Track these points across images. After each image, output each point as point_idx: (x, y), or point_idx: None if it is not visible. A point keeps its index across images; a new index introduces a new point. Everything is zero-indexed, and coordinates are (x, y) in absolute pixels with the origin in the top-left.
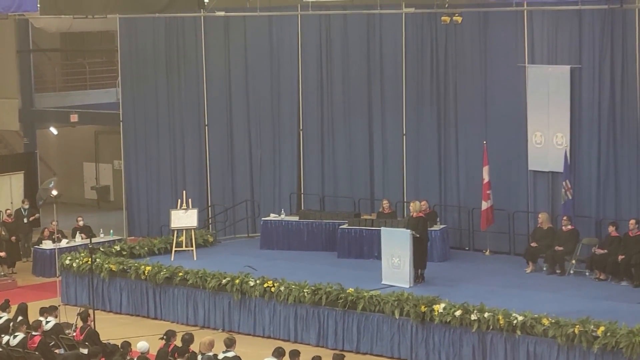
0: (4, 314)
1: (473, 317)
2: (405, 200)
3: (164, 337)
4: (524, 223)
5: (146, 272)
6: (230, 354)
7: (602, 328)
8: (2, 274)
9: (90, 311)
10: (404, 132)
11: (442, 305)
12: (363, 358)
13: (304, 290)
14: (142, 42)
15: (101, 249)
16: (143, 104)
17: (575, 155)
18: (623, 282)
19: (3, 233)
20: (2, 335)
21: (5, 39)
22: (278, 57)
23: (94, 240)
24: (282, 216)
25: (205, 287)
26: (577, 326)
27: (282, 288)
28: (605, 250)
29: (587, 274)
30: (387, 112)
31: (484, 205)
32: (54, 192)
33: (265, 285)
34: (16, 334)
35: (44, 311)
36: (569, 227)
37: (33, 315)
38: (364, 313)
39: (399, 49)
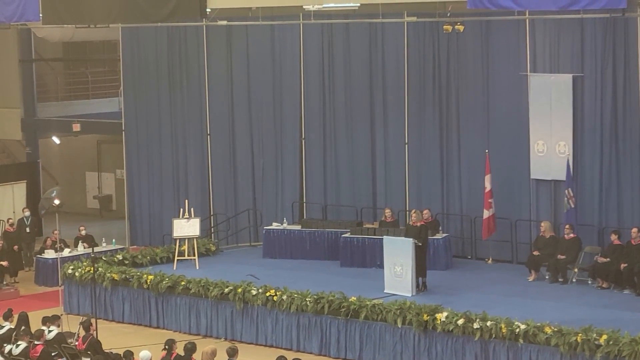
0: (7, 323)
1: (475, 325)
2: (407, 209)
3: (166, 347)
4: (527, 231)
5: (148, 281)
6: None
7: (604, 336)
8: (5, 283)
9: (93, 320)
10: (406, 141)
11: (445, 313)
12: None
13: (307, 299)
14: (145, 51)
15: (103, 258)
16: (145, 113)
17: (578, 164)
18: (626, 290)
19: (5, 242)
20: (5, 345)
21: (7, 49)
22: (280, 66)
23: (96, 249)
24: (285, 225)
25: (208, 296)
26: (580, 334)
27: (284, 297)
28: (608, 259)
29: (589, 282)
30: (389, 121)
31: (486, 214)
32: (57, 202)
33: (268, 294)
34: (19, 343)
35: (46, 320)
36: (572, 235)
37: (35, 325)
38: (367, 322)
39: (401, 58)
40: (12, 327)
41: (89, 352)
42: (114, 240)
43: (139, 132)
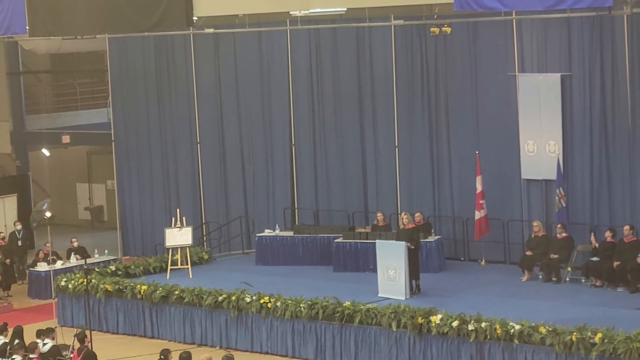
0: (1, 337)
1: (470, 327)
2: (399, 212)
3: (161, 356)
4: (519, 232)
5: (142, 291)
6: None
7: (599, 335)
8: None
9: (87, 332)
10: (396, 144)
11: (439, 316)
12: None
13: (301, 305)
14: (132, 61)
15: (96, 270)
16: (134, 123)
17: (568, 163)
18: (619, 288)
19: None
20: (0, 359)
21: None
22: (268, 73)
23: (88, 261)
24: (277, 231)
25: (202, 305)
26: (575, 333)
27: (278, 303)
28: (597, 245)
29: (583, 281)
30: (379, 125)
31: (477, 215)
32: (48, 214)
33: (262, 301)
34: (13, 357)
35: (40, 333)
36: (564, 234)
37: (30, 338)
38: (361, 326)
39: (389, 61)
40: (7, 341)
41: None
42: (106, 251)
43: (128, 142)
